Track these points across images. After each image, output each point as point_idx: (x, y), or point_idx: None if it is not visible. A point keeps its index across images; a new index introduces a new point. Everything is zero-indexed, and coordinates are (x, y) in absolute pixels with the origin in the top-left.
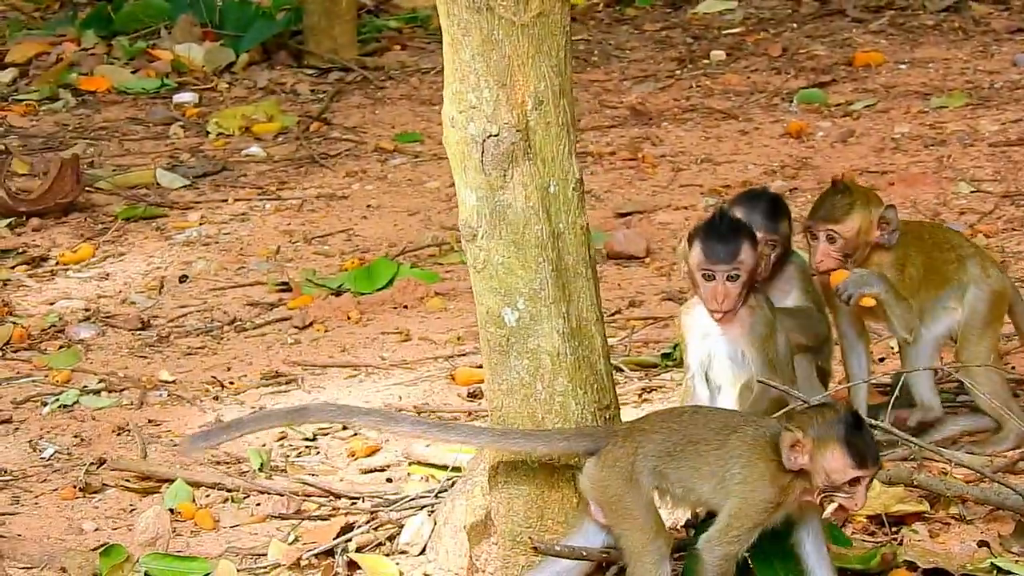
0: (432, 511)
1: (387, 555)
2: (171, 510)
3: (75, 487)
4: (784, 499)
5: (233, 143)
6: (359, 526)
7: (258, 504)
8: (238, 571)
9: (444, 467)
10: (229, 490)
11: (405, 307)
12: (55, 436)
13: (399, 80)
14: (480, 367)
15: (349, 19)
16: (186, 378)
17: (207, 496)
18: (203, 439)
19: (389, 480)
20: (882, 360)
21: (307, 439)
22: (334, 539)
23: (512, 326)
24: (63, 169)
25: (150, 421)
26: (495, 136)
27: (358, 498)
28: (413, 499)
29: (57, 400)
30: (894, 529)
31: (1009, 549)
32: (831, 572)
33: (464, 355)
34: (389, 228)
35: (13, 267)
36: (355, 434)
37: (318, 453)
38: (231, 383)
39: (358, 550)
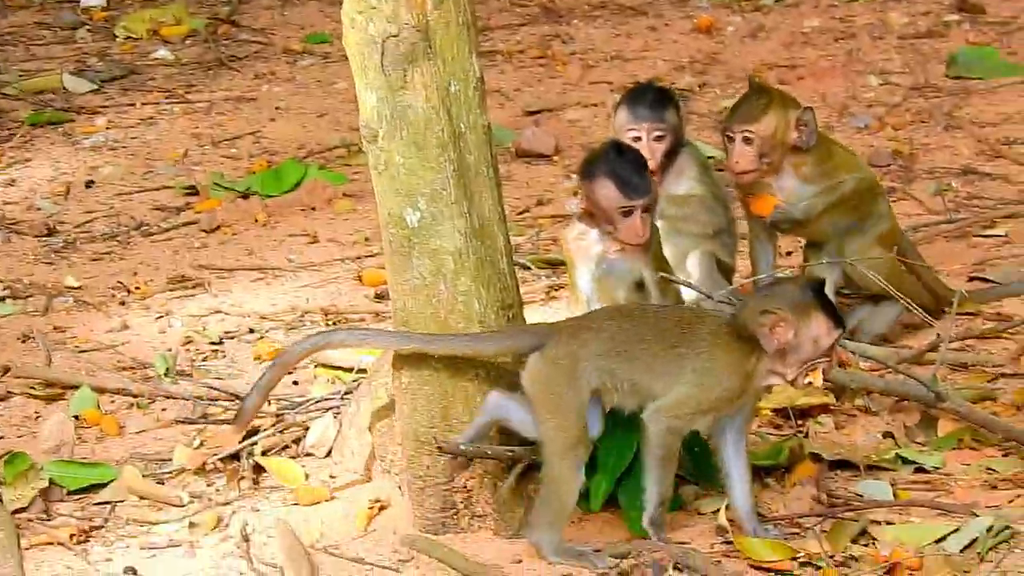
0: (338, 413)
1: (293, 458)
2: (76, 417)
3: None
4: (748, 386)
5: (141, 46)
6: (264, 429)
7: (164, 409)
8: (143, 476)
9: (349, 369)
10: (134, 395)
11: (313, 209)
12: None
13: None
14: None
15: None
16: (92, 284)
17: (112, 402)
18: (244, 416)
19: (295, 383)
20: (789, 254)
21: (213, 343)
22: (239, 443)
23: (414, 227)
24: None
25: (55, 328)
26: (395, 36)
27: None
28: (318, 401)
29: None
30: (800, 422)
31: (914, 439)
32: (747, 466)
33: (371, 256)
34: (298, 130)
35: None
36: (261, 337)
37: (224, 357)
38: (137, 288)
39: (264, 453)
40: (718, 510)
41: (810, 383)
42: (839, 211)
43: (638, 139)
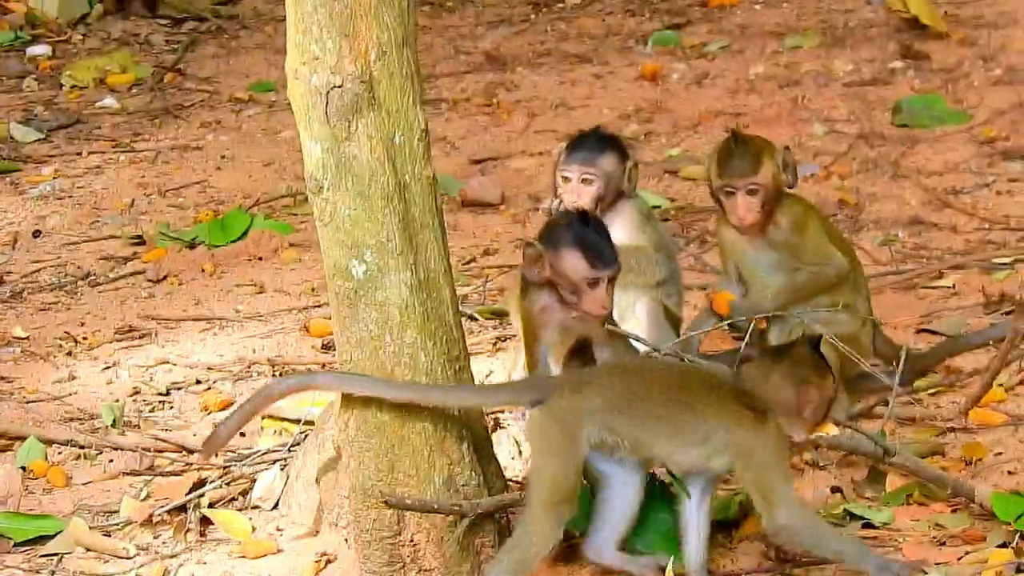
0: (285, 465)
1: (240, 510)
2: (23, 468)
3: None
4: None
5: (87, 95)
6: (212, 481)
7: (111, 460)
8: (90, 528)
9: (297, 421)
10: (82, 447)
11: (260, 259)
12: None
13: (253, 29)
14: None
15: None
16: (39, 334)
17: (59, 453)
18: (213, 442)
19: (242, 434)
20: None
21: (160, 394)
22: (186, 495)
23: (359, 279)
24: None
25: (2, 378)
26: (339, 87)
27: None
28: (265, 453)
29: None
30: None
31: (862, 495)
32: (707, 520)
33: (318, 307)
34: (244, 179)
35: None
36: (208, 388)
37: (171, 408)
38: (85, 338)
39: (211, 505)
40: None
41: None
42: (810, 300)
43: (567, 179)
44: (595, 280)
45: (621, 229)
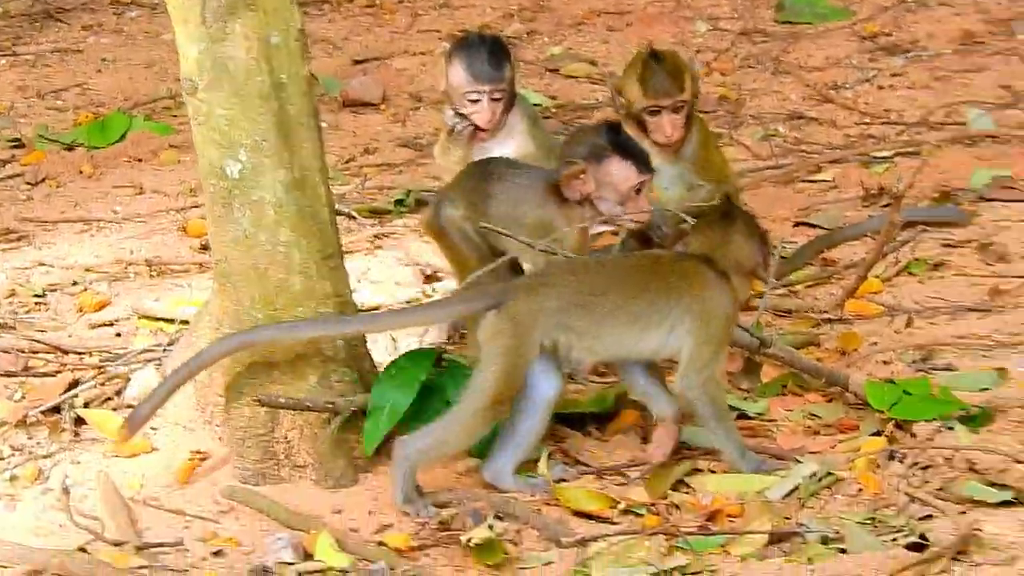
0: (159, 365)
1: (114, 410)
2: None
3: None
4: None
5: None
6: (86, 381)
7: None
8: None
9: (172, 320)
10: None
11: (139, 160)
12: None
13: None
14: None
15: None
16: None
17: None
18: (135, 421)
19: (118, 334)
20: None
21: (36, 295)
22: (61, 395)
23: (235, 178)
24: None
25: None
26: None
27: (85, 353)
28: (140, 353)
29: None
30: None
31: (738, 386)
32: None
33: (196, 207)
34: (124, 81)
35: None
36: (84, 289)
37: (47, 309)
38: None
39: (85, 405)
40: (538, 459)
41: None
42: None
43: (476, 100)
44: (641, 185)
45: (511, 135)
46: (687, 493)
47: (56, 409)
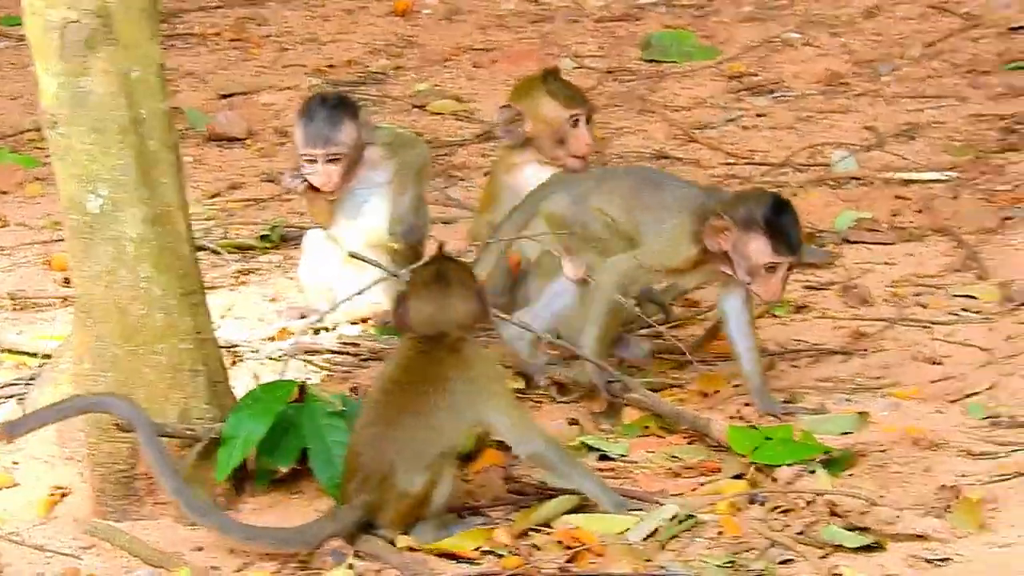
0: (22, 399)
1: None
2: None
3: None
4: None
5: None
6: None
7: None
8: None
9: (35, 354)
10: None
11: (4, 193)
12: None
13: None
14: None
15: None
16: None
17: None
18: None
19: None
20: None
21: None
22: None
23: (95, 213)
24: None
25: None
26: (75, 22)
27: None
28: (3, 387)
29: None
30: None
31: (600, 427)
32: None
33: (61, 240)
34: None
35: None
36: None
37: None
38: None
39: None
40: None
41: None
42: None
43: (312, 161)
44: (774, 265)
45: (376, 169)
46: (549, 534)
47: None
